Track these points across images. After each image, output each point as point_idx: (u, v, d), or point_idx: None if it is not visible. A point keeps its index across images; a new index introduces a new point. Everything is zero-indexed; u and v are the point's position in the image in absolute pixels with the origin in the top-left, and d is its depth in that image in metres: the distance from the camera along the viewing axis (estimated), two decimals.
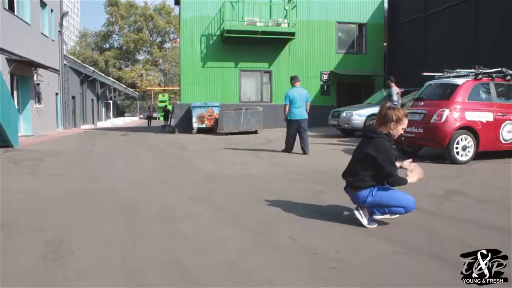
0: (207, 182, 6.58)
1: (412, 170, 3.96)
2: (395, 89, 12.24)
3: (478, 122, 8.08)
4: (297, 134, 10.03)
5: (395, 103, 11.02)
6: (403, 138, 8.75)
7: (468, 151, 8.03)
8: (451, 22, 15.90)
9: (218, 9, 18.82)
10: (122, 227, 4.12)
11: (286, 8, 19.00)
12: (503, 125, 8.17)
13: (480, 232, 3.84)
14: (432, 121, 8.13)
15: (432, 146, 8.66)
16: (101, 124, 35.21)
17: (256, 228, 4.00)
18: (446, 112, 7.99)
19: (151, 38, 62.45)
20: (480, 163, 8.00)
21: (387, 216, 4.09)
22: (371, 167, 3.87)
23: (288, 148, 10.24)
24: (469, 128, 8.04)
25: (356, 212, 4.00)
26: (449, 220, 4.23)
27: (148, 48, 62.39)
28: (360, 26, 20.50)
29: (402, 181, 3.87)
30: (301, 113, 9.91)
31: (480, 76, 8.41)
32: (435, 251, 3.32)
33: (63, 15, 25.10)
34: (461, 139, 7.98)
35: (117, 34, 62.67)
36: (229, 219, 4.40)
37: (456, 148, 7.96)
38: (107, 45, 63.11)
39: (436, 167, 7.64)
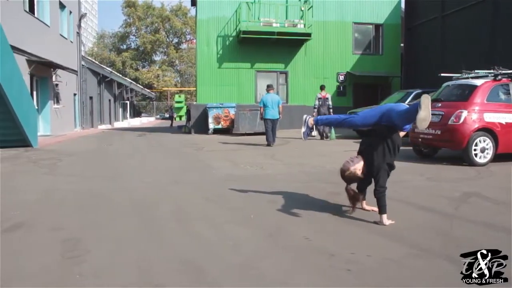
0: (222, 182, 6.58)
1: None
2: (317, 95, 14.34)
3: (497, 124, 7.95)
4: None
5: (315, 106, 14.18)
6: (420, 139, 8.67)
7: (487, 153, 7.90)
8: (469, 22, 15.68)
9: (234, 10, 18.84)
10: (137, 227, 4.17)
11: (302, 8, 18.93)
12: None
13: (495, 235, 3.79)
14: (450, 122, 8.01)
15: (449, 148, 8.54)
16: (118, 124, 35.55)
17: (270, 229, 4.00)
18: (465, 114, 7.87)
19: (167, 39, 62.81)
20: (498, 165, 7.86)
21: None
22: None
23: (269, 141, 12.05)
24: (487, 130, 7.92)
25: None
26: (465, 222, 4.18)
27: (165, 49, 62.75)
28: (377, 26, 20.32)
29: None
30: (272, 113, 12.18)
31: (499, 77, 8.28)
32: (450, 254, 3.29)
33: (81, 16, 25.42)
34: (480, 141, 7.86)
35: (134, 35, 63.18)
36: (244, 220, 4.41)
37: (475, 150, 7.84)
38: (124, 46, 63.62)
39: (454, 169, 7.54)
